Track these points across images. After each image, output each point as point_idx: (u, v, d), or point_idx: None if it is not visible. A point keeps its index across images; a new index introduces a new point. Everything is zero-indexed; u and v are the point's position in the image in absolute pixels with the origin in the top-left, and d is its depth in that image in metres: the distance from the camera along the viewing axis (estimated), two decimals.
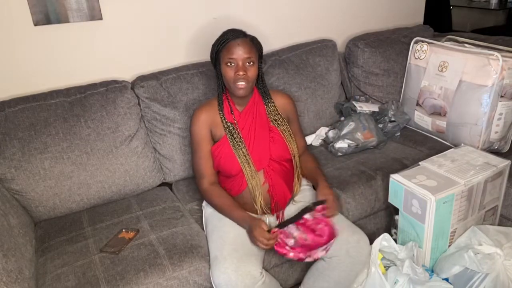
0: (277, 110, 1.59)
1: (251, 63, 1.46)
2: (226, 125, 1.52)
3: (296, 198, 1.59)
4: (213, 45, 1.51)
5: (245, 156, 1.49)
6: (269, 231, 1.36)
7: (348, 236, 1.43)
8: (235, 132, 1.51)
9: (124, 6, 1.85)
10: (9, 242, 1.28)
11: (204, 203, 1.64)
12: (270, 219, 1.56)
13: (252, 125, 1.54)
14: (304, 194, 1.60)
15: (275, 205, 1.53)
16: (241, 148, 1.49)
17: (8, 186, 1.57)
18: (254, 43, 1.50)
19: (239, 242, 1.39)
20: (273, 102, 1.59)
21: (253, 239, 1.37)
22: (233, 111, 1.54)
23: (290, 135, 1.57)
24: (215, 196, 1.51)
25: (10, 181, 1.57)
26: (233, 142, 1.50)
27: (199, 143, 1.53)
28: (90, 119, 1.68)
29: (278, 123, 1.57)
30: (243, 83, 1.45)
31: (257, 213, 1.53)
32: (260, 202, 1.50)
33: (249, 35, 1.51)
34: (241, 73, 1.43)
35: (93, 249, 1.44)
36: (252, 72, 1.46)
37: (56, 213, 1.65)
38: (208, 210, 1.58)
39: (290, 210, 1.53)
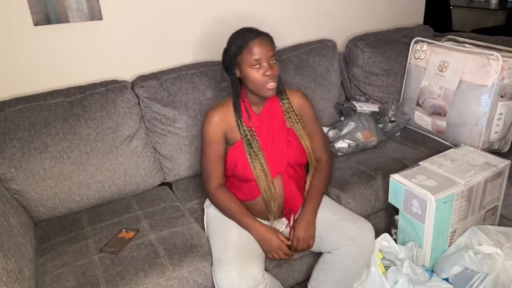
0: (292, 108, 1.52)
1: (274, 60, 1.38)
2: (243, 133, 1.45)
3: None
4: (228, 49, 1.41)
5: (261, 165, 1.43)
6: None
7: (351, 225, 1.45)
8: (253, 140, 1.45)
9: (124, 6, 1.85)
10: (9, 242, 1.28)
11: (206, 203, 1.63)
12: (279, 225, 1.55)
13: (270, 128, 1.49)
14: None
15: (289, 211, 1.52)
16: (258, 158, 1.43)
17: (8, 186, 1.57)
18: (270, 38, 1.41)
19: (242, 244, 1.39)
20: (288, 99, 1.53)
21: (269, 250, 1.41)
22: (251, 116, 1.47)
23: (305, 133, 1.52)
24: (223, 200, 1.48)
25: (10, 181, 1.57)
26: (250, 152, 1.44)
27: (210, 145, 1.47)
28: (90, 119, 1.68)
29: (293, 122, 1.52)
30: (273, 83, 1.38)
31: (268, 219, 1.52)
32: (274, 211, 1.48)
33: (264, 32, 1.42)
34: (270, 73, 1.36)
35: (93, 249, 1.44)
36: (277, 69, 1.39)
37: (56, 213, 1.65)
38: (210, 211, 1.57)
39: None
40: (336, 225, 1.46)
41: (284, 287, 1.58)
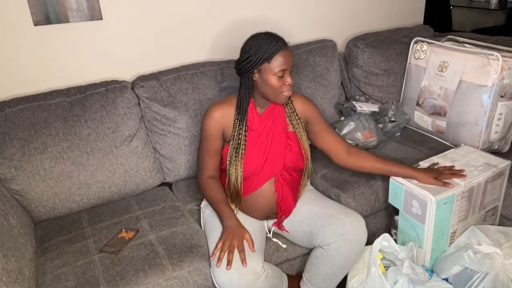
0: (296, 112, 1.55)
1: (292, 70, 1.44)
2: (236, 135, 1.46)
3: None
4: (253, 54, 1.37)
5: (236, 171, 1.45)
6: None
7: (341, 219, 1.43)
8: (242, 146, 1.46)
9: (124, 6, 1.85)
10: (9, 242, 1.28)
11: (203, 204, 1.64)
12: (269, 224, 1.57)
13: (271, 129, 1.50)
14: (305, 196, 1.61)
15: (281, 215, 1.53)
16: (235, 165, 1.45)
17: (8, 186, 1.57)
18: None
19: None
20: (292, 103, 1.55)
21: (229, 237, 1.35)
22: (253, 117, 1.49)
23: (306, 140, 1.54)
24: (209, 190, 1.51)
25: (10, 181, 1.57)
26: (232, 154, 1.46)
27: (208, 139, 1.50)
28: (90, 119, 1.68)
29: (295, 126, 1.53)
30: (290, 91, 1.42)
31: (261, 219, 1.54)
32: (233, 207, 1.50)
33: (285, 40, 1.43)
34: (289, 82, 1.40)
35: (93, 249, 1.44)
36: (293, 78, 1.44)
37: (56, 213, 1.65)
38: (206, 211, 1.58)
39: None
40: (326, 220, 1.45)
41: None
